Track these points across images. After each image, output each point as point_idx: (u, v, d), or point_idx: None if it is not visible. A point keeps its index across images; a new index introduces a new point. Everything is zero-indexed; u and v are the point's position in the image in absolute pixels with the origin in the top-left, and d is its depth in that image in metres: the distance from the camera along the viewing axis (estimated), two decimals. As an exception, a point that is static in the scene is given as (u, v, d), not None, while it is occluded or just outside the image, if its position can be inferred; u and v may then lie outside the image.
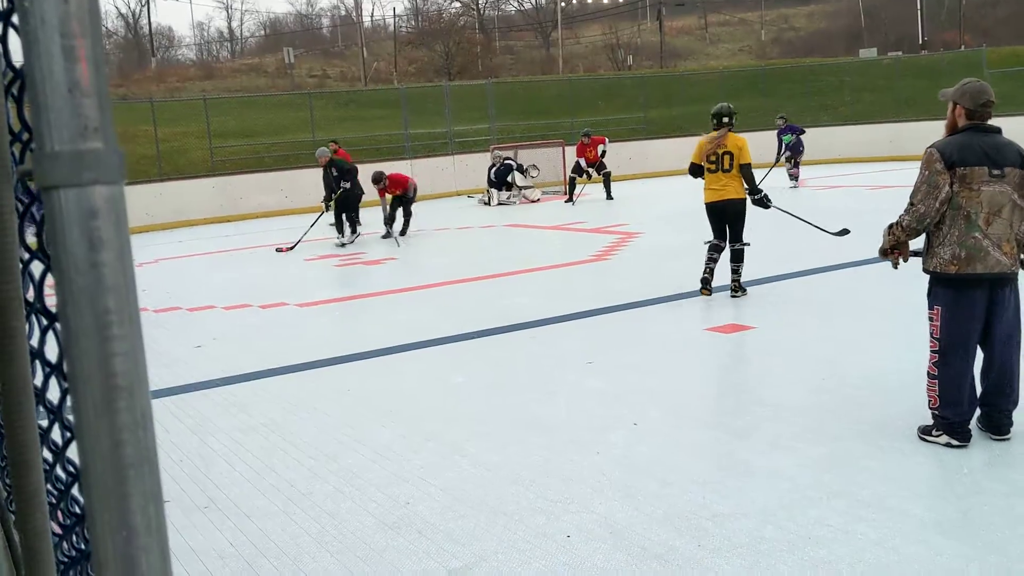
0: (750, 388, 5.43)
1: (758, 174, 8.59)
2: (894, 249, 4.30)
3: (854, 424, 4.53)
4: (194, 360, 7.00)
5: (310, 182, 20.93)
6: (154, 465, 0.65)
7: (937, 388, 4.11)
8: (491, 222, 16.32)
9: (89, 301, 0.61)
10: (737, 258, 7.97)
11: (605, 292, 8.60)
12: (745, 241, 7.99)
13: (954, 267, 3.98)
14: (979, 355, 4.17)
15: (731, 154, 7.73)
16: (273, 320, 8.58)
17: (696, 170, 7.99)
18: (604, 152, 19.13)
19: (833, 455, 4.15)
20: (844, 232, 8.83)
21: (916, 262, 4.35)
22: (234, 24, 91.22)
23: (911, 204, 4.09)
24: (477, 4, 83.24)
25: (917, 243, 4.25)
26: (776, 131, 18.76)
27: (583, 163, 18.95)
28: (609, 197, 18.70)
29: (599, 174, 18.97)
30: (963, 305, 4.01)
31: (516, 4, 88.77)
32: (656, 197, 18.78)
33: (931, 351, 4.15)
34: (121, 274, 0.62)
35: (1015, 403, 4.14)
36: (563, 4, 70.39)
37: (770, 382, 5.57)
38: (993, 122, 4.10)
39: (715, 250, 8.01)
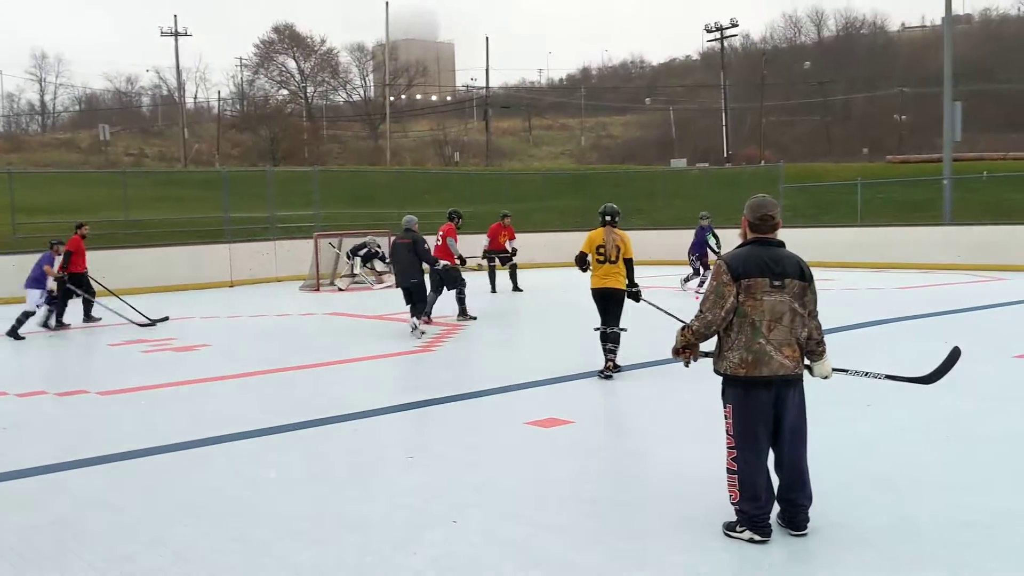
0: (567, 483, 5.46)
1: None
2: (685, 349, 4.57)
3: (663, 519, 4.66)
4: (-25, 453, 6.38)
5: (125, 263, 19.87)
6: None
7: (736, 482, 4.33)
8: (311, 310, 16.02)
9: None
10: (614, 340, 8.60)
11: (428, 384, 8.55)
12: (622, 326, 8.65)
13: (743, 370, 4.28)
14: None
15: (618, 248, 8.52)
16: (71, 409, 7.98)
17: (582, 259, 8.61)
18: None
19: (644, 550, 4.24)
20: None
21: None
22: (47, 97, 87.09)
23: (700, 311, 4.40)
24: (305, 92, 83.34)
25: (709, 344, 4.51)
26: (697, 228, 16.88)
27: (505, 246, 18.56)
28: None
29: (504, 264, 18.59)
30: (751, 404, 4.30)
31: (345, 95, 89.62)
32: (481, 291, 19.00)
33: (727, 447, 4.39)
34: None
35: (809, 498, 4.39)
36: (392, 99, 71.49)
37: (586, 477, 5.65)
38: (786, 232, 4.50)
39: (607, 339, 8.60)
